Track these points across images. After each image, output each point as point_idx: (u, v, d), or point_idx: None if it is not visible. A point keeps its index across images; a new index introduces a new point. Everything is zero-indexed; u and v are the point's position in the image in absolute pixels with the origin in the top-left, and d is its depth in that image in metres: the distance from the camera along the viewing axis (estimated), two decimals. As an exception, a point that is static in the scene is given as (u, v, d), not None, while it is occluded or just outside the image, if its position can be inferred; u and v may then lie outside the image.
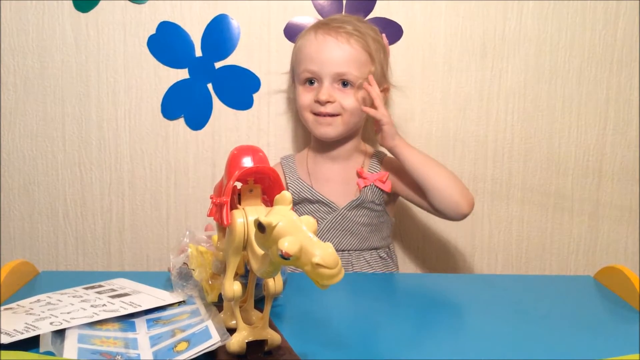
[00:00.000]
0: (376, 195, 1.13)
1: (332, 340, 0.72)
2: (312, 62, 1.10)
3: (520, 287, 0.93)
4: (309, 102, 1.12)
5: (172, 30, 1.24)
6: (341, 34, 1.10)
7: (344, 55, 1.09)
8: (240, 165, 0.65)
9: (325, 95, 1.09)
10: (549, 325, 0.78)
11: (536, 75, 1.28)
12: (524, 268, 1.35)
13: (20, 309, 0.74)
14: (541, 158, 1.31)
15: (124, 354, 0.64)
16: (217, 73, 1.25)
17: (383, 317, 0.80)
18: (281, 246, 0.51)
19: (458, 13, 1.25)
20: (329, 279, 0.52)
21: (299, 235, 0.52)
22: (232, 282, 0.63)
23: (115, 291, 0.81)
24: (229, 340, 0.63)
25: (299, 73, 1.13)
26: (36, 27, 1.23)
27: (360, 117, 1.13)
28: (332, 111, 1.10)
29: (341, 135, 1.13)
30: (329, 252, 0.52)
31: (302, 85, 1.13)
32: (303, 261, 0.52)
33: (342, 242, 1.13)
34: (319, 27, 1.12)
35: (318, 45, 1.10)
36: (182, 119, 1.27)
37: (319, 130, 1.12)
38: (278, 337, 0.65)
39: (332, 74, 1.09)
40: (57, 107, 1.26)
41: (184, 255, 0.81)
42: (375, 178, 1.14)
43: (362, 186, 1.13)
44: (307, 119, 1.13)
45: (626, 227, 1.35)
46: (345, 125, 1.12)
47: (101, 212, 1.30)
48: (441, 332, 0.75)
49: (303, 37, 1.14)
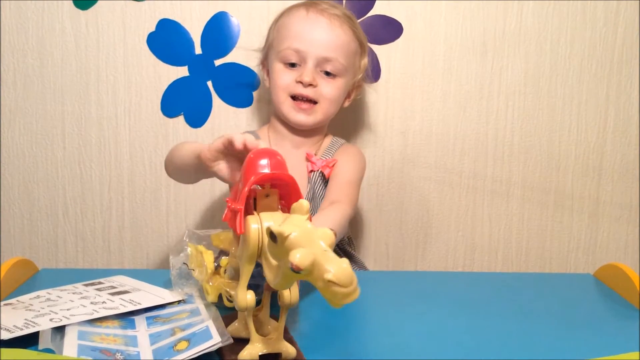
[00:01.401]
0: (320, 182, 1.07)
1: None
2: (300, 40, 1.03)
3: (520, 285, 0.93)
4: (289, 82, 1.05)
5: (171, 27, 1.24)
6: (334, 17, 1.04)
7: (335, 40, 1.04)
8: (257, 169, 0.62)
9: (309, 76, 1.03)
10: (549, 323, 0.78)
11: (536, 73, 1.28)
12: (524, 266, 1.36)
13: (20, 305, 0.74)
14: (541, 156, 1.31)
15: (124, 351, 0.64)
16: (216, 71, 1.25)
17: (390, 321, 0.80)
18: (292, 258, 0.48)
19: (458, 11, 1.25)
20: (342, 298, 0.48)
21: (313, 248, 0.49)
22: (245, 291, 0.60)
23: (115, 288, 0.81)
24: (230, 342, 0.61)
25: (281, 50, 1.05)
26: (36, 25, 1.23)
27: (336, 108, 1.08)
28: (312, 96, 1.04)
29: (317, 125, 1.08)
30: (344, 267, 0.48)
31: (281, 63, 1.06)
32: (315, 276, 0.48)
33: None
34: (310, 6, 1.06)
35: (310, 23, 1.04)
36: (181, 116, 1.27)
37: (295, 117, 1.06)
38: (293, 350, 0.62)
39: (319, 57, 1.03)
40: (57, 105, 1.26)
41: (183, 255, 0.81)
42: (323, 164, 1.07)
43: (309, 170, 1.07)
44: (282, 102, 1.06)
45: (626, 225, 1.35)
46: (324, 114, 1.06)
47: (101, 209, 1.30)
48: (441, 331, 0.75)
49: (290, 14, 1.07)
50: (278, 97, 1.07)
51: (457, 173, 1.31)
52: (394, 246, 1.34)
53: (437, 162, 1.30)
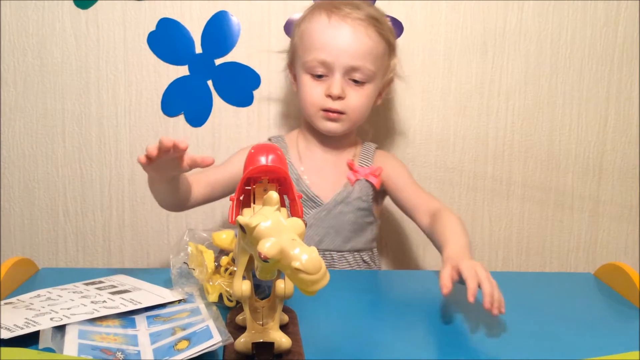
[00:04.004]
0: (364, 192, 1.07)
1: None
2: (325, 51, 1.00)
3: (521, 284, 0.93)
4: (319, 98, 1.03)
5: (172, 27, 1.23)
6: (358, 22, 1.00)
7: (360, 47, 1.00)
8: (255, 164, 0.63)
9: (337, 89, 1.01)
10: (549, 322, 0.78)
11: (537, 72, 1.28)
12: (524, 265, 1.36)
13: (21, 304, 0.74)
14: (541, 155, 1.31)
15: (124, 350, 0.64)
16: (217, 70, 1.25)
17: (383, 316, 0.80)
18: (260, 248, 0.49)
19: (458, 10, 1.25)
20: (310, 285, 0.49)
21: (281, 238, 0.50)
22: (240, 280, 0.61)
23: (115, 287, 0.81)
24: (231, 341, 0.62)
25: (307, 61, 1.03)
26: (36, 24, 1.23)
27: (366, 114, 1.07)
28: (340, 108, 1.03)
29: (346, 132, 1.08)
30: (312, 256, 0.49)
31: (308, 75, 1.04)
32: (283, 265, 0.50)
33: (324, 241, 1.07)
34: (332, 12, 1.02)
35: (333, 32, 1.00)
36: (182, 115, 1.27)
37: (324, 125, 1.05)
38: (288, 341, 0.63)
39: (346, 67, 1.00)
40: (57, 104, 1.26)
41: (183, 254, 0.81)
42: (368, 172, 1.07)
43: (354, 180, 1.07)
44: (312, 115, 1.05)
45: (626, 225, 1.35)
46: (352, 122, 1.06)
47: (101, 209, 1.30)
48: (441, 330, 0.75)
49: (312, 20, 1.03)
50: (308, 110, 1.06)
51: (457, 172, 1.31)
52: (395, 246, 1.34)
53: (437, 162, 1.30)
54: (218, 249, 0.80)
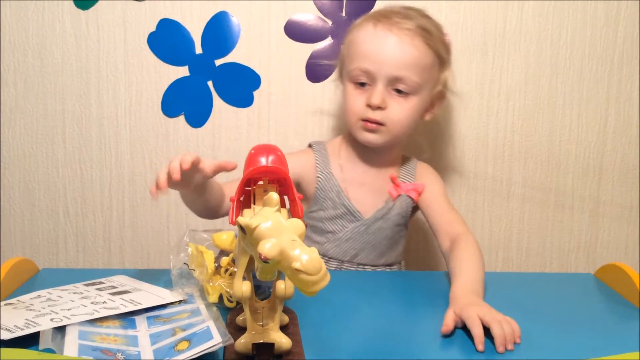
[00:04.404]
0: (404, 207, 1.05)
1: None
2: (368, 60, 0.98)
3: (521, 285, 0.93)
4: (360, 107, 1.00)
5: (172, 27, 1.23)
6: (404, 32, 0.97)
7: (405, 58, 0.97)
8: (256, 164, 0.63)
9: (378, 99, 0.97)
10: (549, 322, 0.78)
11: (537, 72, 1.28)
12: (524, 266, 1.36)
13: (21, 305, 0.74)
14: (542, 155, 1.31)
15: (125, 351, 0.64)
16: (217, 70, 1.25)
17: (384, 315, 0.80)
18: (260, 249, 0.49)
19: (458, 10, 1.25)
20: (310, 285, 0.49)
21: (281, 239, 0.50)
22: (241, 281, 0.61)
23: (115, 288, 0.81)
24: (231, 342, 0.63)
25: (350, 70, 1.01)
26: (36, 25, 1.23)
27: (409, 127, 1.03)
28: (380, 119, 0.99)
29: (387, 144, 1.03)
30: (312, 257, 0.49)
31: (351, 83, 1.02)
32: (283, 266, 0.50)
33: (360, 255, 1.06)
34: (379, 20, 0.99)
35: (378, 42, 0.98)
36: (182, 116, 1.27)
37: (363, 136, 1.02)
38: (288, 341, 0.63)
39: (389, 77, 0.97)
40: (58, 105, 1.26)
41: (184, 255, 0.81)
42: (410, 188, 1.05)
43: (396, 195, 1.05)
44: (353, 124, 1.02)
45: (627, 225, 1.35)
46: (392, 135, 1.01)
47: (101, 209, 1.30)
48: (441, 330, 0.75)
49: (360, 29, 1.01)
50: (349, 119, 1.03)
51: (458, 173, 1.31)
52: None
53: (437, 162, 1.30)
54: (218, 249, 0.81)
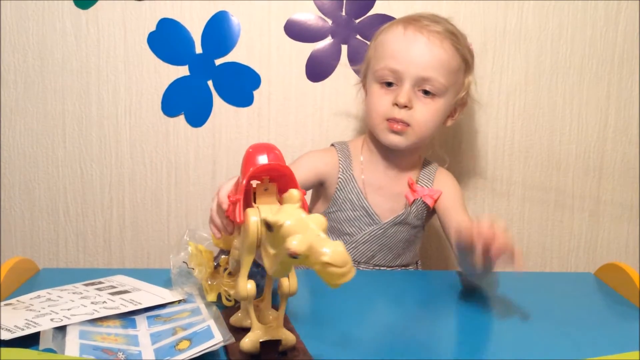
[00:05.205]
0: (420, 211, 1.06)
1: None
2: (396, 60, 0.99)
3: (521, 284, 0.93)
4: (386, 106, 1.00)
5: (172, 27, 1.23)
6: (434, 35, 0.99)
7: (433, 59, 0.98)
8: (255, 163, 0.64)
9: (405, 98, 0.97)
10: (550, 322, 0.78)
11: (537, 72, 1.28)
12: (524, 265, 1.35)
13: (21, 305, 0.74)
14: (542, 155, 1.31)
15: (126, 350, 0.64)
16: (217, 70, 1.25)
17: (388, 314, 0.80)
18: (289, 245, 0.50)
19: (458, 10, 1.25)
20: (338, 278, 0.51)
21: (308, 234, 0.52)
22: (245, 281, 0.62)
23: (115, 288, 0.81)
24: (232, 341, 0.63)
25: (377, 70, 1.01)
26: (36, 25, 1.23)
27: (433, 130, 1.03)
28: (405, 118, 0.99)
29: (412, 147, 1.03)
30: (339, 250, 0.51)
31: (377, 83, 1.02)
32: (312, 260, 0.51)
33: (377, 257, 1.06)
34: (409, 23, 1.01)
35: (407, 42, 0.99)
36: (182, 116, 1.27)
37: (388, 138, 1.01)
38: (293, 337, 0.64)
39: (416, 77, 0.98)
40: (58, 105, 1.26)
41: (183, 254, 0.81)
42: (426, 194, 1.05)
43: (412, 200, 1.05)
44: (377, 125, 1.02)
45: (627, 225, 1.35)
46: (417, 137, 1.01)
47: (102, 209, 1.30)
48: (441, 329, 0.75)
49: (389, 31, 1.02)
50: (373, 119, 1.03)
51: (457, 172, 1.31)
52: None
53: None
54: (218, 248, 0.81)
